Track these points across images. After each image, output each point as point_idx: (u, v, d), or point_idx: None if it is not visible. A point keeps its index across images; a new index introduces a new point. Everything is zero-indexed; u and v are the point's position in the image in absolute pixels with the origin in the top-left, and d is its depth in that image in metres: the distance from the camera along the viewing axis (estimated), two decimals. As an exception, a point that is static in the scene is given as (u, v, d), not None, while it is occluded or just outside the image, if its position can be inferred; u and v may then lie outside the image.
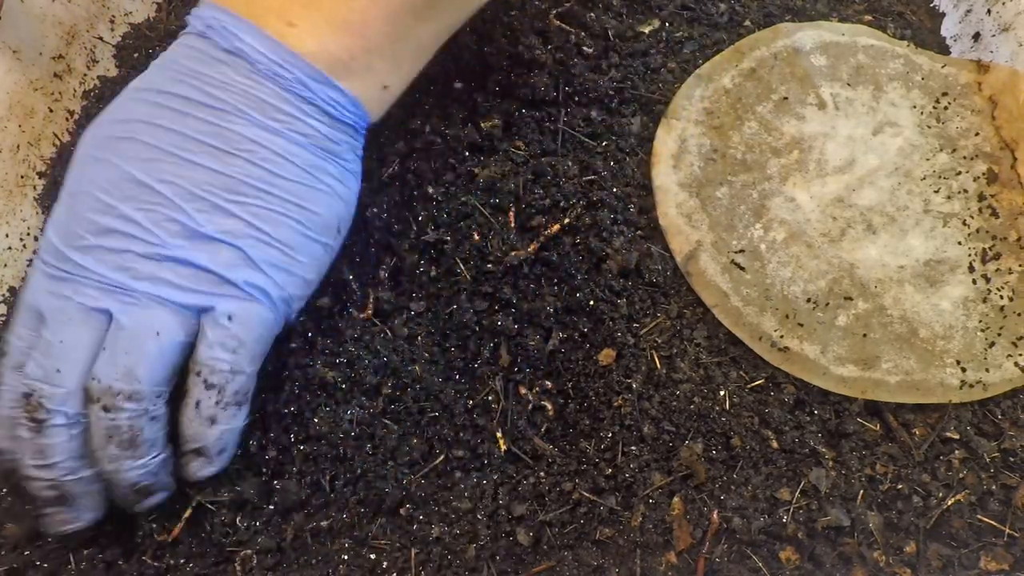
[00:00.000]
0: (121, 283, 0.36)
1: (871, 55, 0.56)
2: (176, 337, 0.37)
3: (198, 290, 0.37)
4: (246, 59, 0.38)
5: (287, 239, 0.39)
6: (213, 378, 0.37)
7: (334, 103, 0.40)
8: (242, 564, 0.40)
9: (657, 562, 0.41)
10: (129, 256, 0.36)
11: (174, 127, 0.37)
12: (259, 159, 0.38)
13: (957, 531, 0.42)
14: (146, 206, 0.37)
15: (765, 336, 0.47)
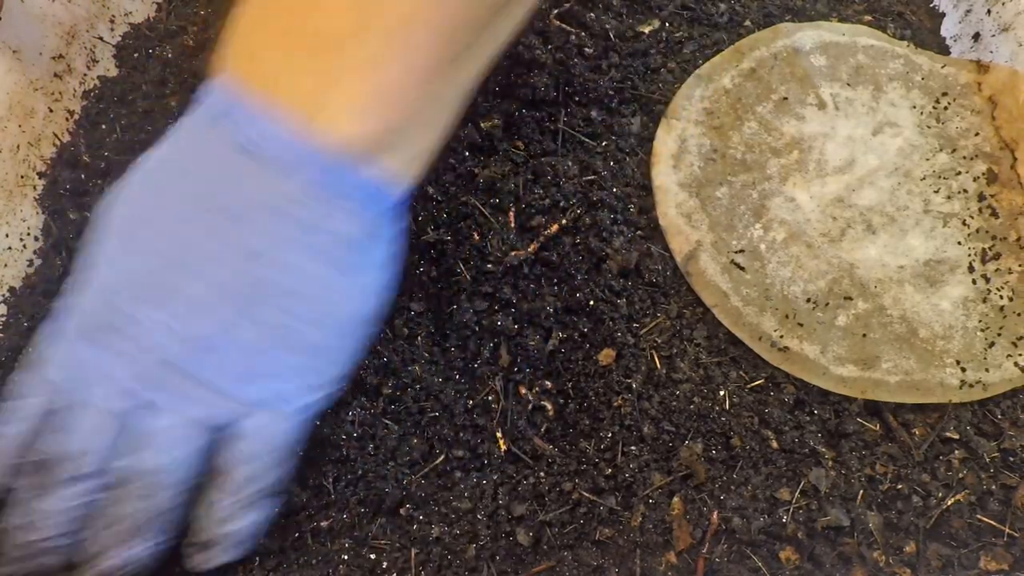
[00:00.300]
0: (135, 390, 0.35)
1: (871, 55, 0.56)
2: (196, 444, 0.36)
3: (215, 406, 0.36)
4: (267, 158, 0.35)
5: (314, 343, 0.37)
6: (227, 485, 0.37)
7: (369, 188, 0.37)
8: (243, 564, 0.40)
9: (657, 562, 0.41)
10: (145, 363, 0.35)
11: (194, 230, 0.35)
12: (283, 264, 0.36)
13: (957, 531, 0.42)
14: (162, 312, 0.35)
15: (765, 336, 0.47)
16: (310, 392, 0.38)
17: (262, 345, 0.36)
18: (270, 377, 0.37)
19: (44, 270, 0.50)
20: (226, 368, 0.36)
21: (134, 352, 0.35)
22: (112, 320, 0.35)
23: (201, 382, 0.36)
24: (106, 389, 0.35)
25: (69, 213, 0.52)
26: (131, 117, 0.55)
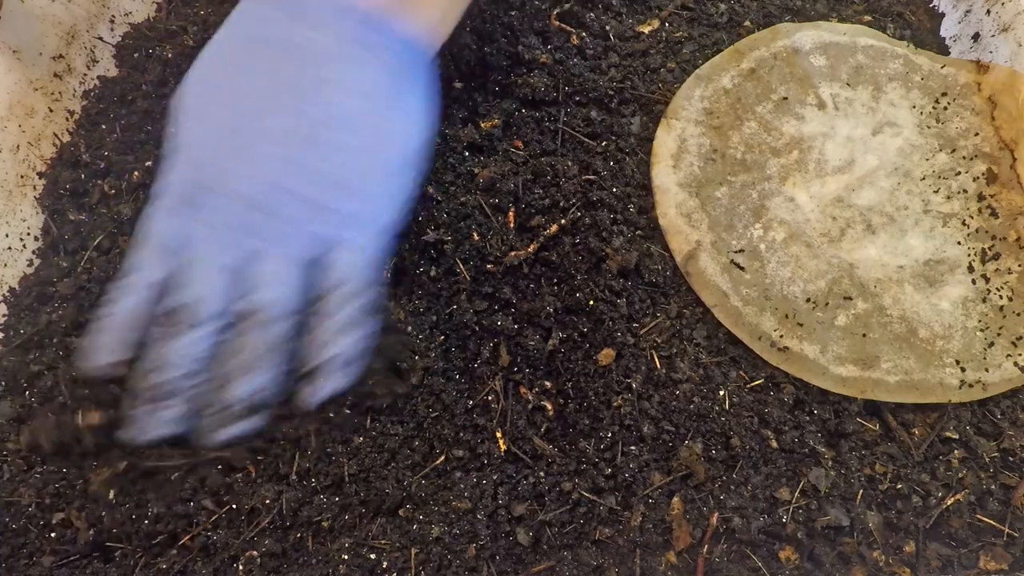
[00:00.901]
0: (235, 240, 0.40)
1: (870, 55, 0.56)
2: (295, 279, 0.40)
3: (303, 242, 0.40)
4: (312, 17, 0.41)
5: (377, 173, 0.42)
6: (325, 309, 0.40)
7: (403, 38, 0.43)
8: (245, 565, 0.40)
9: (657, 562, 0.41)
10: (237, 214, 0.40)
11: (256, 92, 0.41)
12: (341, 97, 0.41)
13: (956, 531, 0.42)
14: (260, 148, 0.40)
15: (765, 336, 0.47)
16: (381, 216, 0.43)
17: (339, 173, 0.41)
18: (350, 197, 0.41)
19: (44, 270, 0.50)
20: (305, 205, 0.40)
21: (227, 206, 0.40)
22: (203, 182, 0.40)
23: (288, 221, 0.40)
24: (210, 244, 0.40)
25: (69, 213, 0.52)
26: (131, 117, 0.55)
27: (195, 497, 0.42)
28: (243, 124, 0.41)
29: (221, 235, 0.40)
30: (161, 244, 0.41)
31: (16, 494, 0.42)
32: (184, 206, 0.41)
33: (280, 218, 0.40)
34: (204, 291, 0.39)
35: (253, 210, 0.40)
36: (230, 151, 0.41)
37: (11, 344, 0.47)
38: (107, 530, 0.41)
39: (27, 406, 0.45)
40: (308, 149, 0.41)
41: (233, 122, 0.41)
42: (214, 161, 0.41)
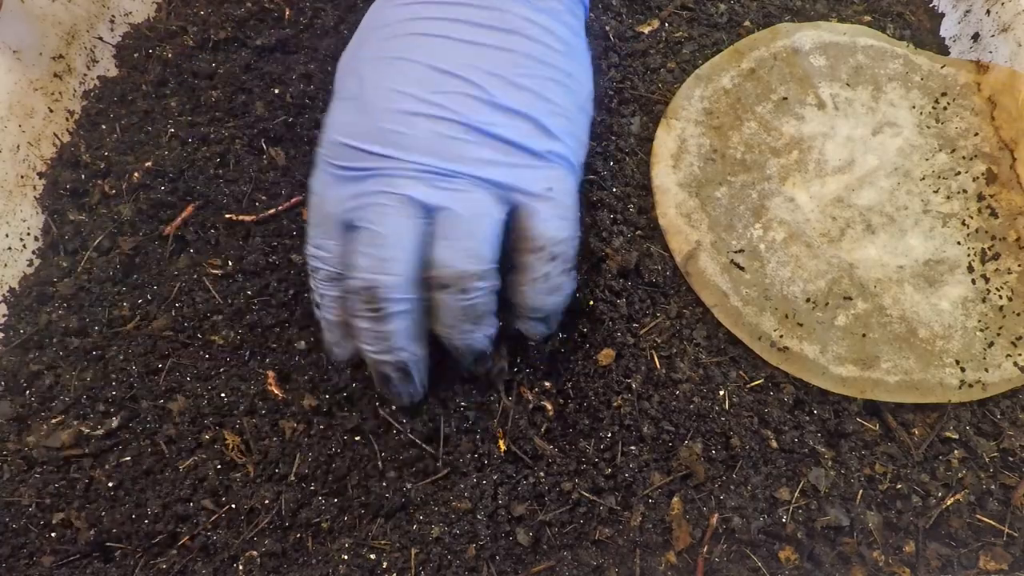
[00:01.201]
0: (438, 167, 0.38)
1: (870, 55, 0.56)
2: (502, 216, 0.38)
3: (513, 164, 0.39)
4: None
5: (568, 107, 0.41)
6: (556, 248, 0.39)
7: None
8: (244, 565, 0.40)
9: (656, 562, 0.41)
10: (440, 140, 0.38)
11: (457, 19, 0.40)
12: (534, 35, 0.40)
13: (956, 531, 0.42)
14: (447, 89, 0.38)
15: (764, 336, 0.47)
16: (578, 153, 0.42)
17: (537, 106, 0.40)
18: (549, 137, 0.40)
19: (44, 270, 0.51)
20: (515, 128, 0.39)
21: (432, 129, 0.38)
22: (405, 110, 0.38)
23: (496, 140, 0.38)
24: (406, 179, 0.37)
25: (69, 213, 0.52)
26: (131, 117, 0.55)
27: (195, 497, 0.42)
28: (446, 58, 0.39)
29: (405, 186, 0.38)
30: (342, 219, 0.38)
31: (16, 494, 0.42)
32: (360, 168, 0.38)
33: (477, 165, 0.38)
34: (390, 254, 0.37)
35: (450, 160, 0.38)
36: (429, 85, 0.38)
37: (11, 344, 0.47)
38: (107, 530, 0.41)
39: (27, 406, 0.45)
40: (509, 68, 0.39)
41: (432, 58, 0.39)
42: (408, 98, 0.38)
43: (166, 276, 0.49)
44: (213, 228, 0.51)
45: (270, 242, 0.50)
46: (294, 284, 0.48)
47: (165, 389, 0.45)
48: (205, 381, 0.45)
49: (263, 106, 0.54)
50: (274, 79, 0.55)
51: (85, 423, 0.44)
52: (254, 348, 0.47)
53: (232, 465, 0.43)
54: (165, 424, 0.44)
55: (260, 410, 0.45)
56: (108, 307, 0.48)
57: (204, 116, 0.54)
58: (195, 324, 0.47)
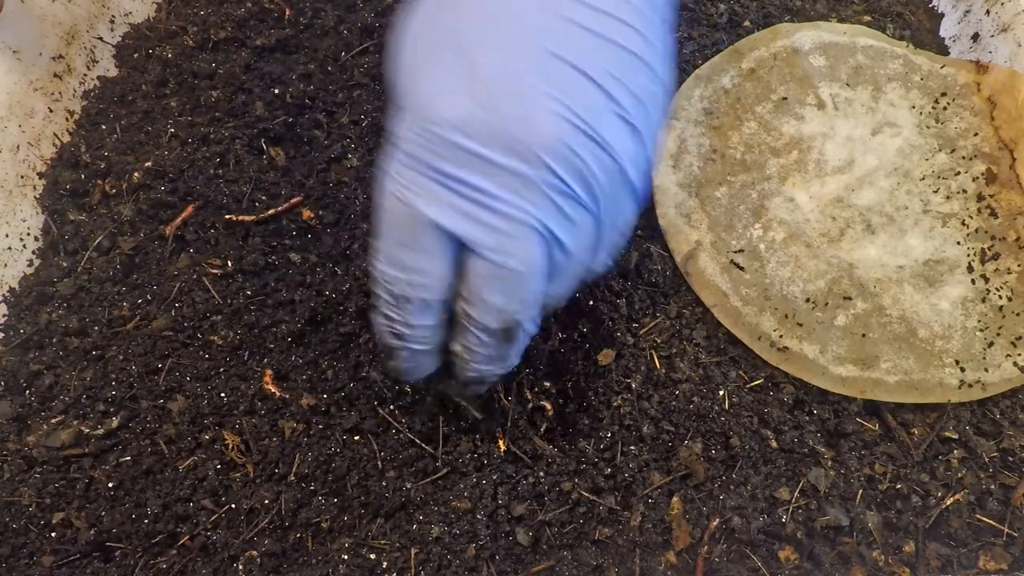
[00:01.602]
0: (571, 190, 0.32)
1: (870, 55, 0.56)
2: (544, 268, 0.34)
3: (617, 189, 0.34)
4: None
5: (660, 120, 0.36)
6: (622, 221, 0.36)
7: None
8: (244, 565, 0.40)
9: (656, 561, 0.41)
10: (565, 150, 0.32)
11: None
12: (644, 31, 0.34)
13: (956, 530, 0.42)
14: (580, 96, 0.32)
15: (764, 336, 0.47)
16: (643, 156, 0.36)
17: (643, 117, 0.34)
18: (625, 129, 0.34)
19: (44, 270, 0.50)
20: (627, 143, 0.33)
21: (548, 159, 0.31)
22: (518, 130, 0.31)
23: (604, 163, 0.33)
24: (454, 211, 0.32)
25: (69, 213, 0.52)
26: (131, 117, 0.55)
27: (194, 497, 0.42)
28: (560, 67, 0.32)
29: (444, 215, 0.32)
30: (439, 230, 0.32)
31: (16, 494, 0.42)
32: (464, 171, 0.31)
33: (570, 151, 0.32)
34: (531, 294, 0.34)
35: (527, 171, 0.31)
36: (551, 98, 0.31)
37: (11, 344, 0.47)
38: (107, 530, 0.41)
39: (27, 406, 0.45)
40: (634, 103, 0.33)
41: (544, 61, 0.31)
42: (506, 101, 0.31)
43: (166, 276, 0.49)
44: (213, 228, 0.51)
45: (270, 242, 0.50)
46: (293, 284, 0.48)
47: (165, 389, 0.45)
48: (205, 381, 0.45)
49: (263, 106, 0.54)
50: (274, 79, 0.55)
51: (85, 423, 0.44)
52: (253, 348, 0.47)
53: (232, 465, 0.43)
54: (165, 424, 0.44)
55: (259, 410, 0.45)
56: (108, 307, 0.48)
57: (204, 116, 0.54)
58: (195, 324, 0.47)
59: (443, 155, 0.31)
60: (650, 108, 0.35)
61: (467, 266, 0.34)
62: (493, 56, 0.32)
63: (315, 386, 0.45)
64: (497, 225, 0.32)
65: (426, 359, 0.38)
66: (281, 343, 0.47)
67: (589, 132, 0.32)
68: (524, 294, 0.34)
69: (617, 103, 0.33)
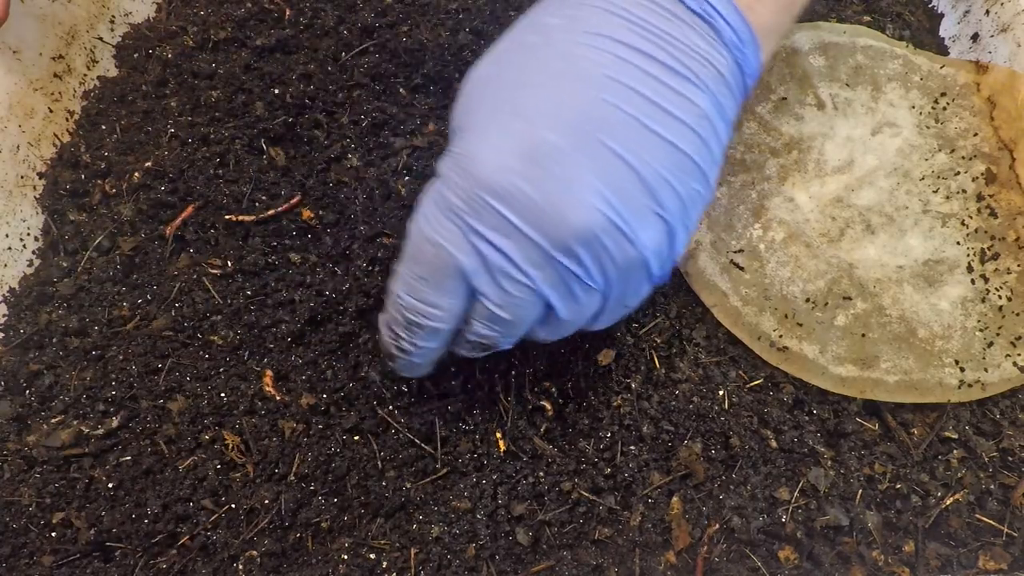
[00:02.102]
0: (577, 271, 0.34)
1: (870, 55, 0.56)
2: (535, 322, 0.37)
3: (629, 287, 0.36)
4: (714, 27, 0.36)
5: (697, 219, 0.38)
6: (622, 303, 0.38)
7: (753, 79, 0.39)
8: (244, 565, 0.40)
9: (656, 561, 0.41)
10: (596, 243, 0.33)
11: (643, 90, 0.34)
12: (706, 136, 0.35)
13: (956, 530, 0.42)
14: (632, 197, 0.33)
15: (764, 336, 0.47)
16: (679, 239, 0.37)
17: (678, 218, 0.35)
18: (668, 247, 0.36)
19: (44, 270, 0.51)
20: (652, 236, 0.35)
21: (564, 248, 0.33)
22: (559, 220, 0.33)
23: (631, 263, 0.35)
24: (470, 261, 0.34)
25: (69, 213, 0.52)
26: (131, 117, 0.55)
27: (194, 497, 0.42)
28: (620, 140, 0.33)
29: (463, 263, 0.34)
30: (460, 274, 0.35)
31: (16, 494, 0.42)
32: (491, 227, 0.33)
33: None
34: (512, 332, 0.37)
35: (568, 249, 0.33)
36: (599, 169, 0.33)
37: (11, 344, 0.47)
38: (107, 530, 0.41)
39: (27, 406, 0.45)
40: (676, 170, 0.34)
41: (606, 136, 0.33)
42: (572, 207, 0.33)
43: (166, 276, 0.49)
44: (213, 228, 0.51)
45: (270, 242, 0.50)
46: (293, 284, 0.48)
47: (165, 389, 0.45)
48: (204, 381, 0.45)
49: (263, 106, 0.54)
50: (274, 79, 0.55)
51: (85, 423, 0.44)
52: (253, 348, 0.47)
53: (232, 465, 0.43)
54: (165, 424, 0.44)
55: (259, 410, 0.45)
56: (108, 307, 0.48)
57: (204, 116, 0.54)
58: (195, 324, 0.47)
59: (481, 216, 0.33)
60: (691, 210, 0.36)
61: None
62: (549, 136, 0.33)
63: (315, 386, 0.45)
64: (507, 288, 0.34)
65: (424, 367, 0.40)
66: (281, 343, 0.47)
67: (623, 228, 0.33)
68: (509, 334, 0.37)
69: (659, 203, 0.34)
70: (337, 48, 0.57)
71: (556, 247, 0.33)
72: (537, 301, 0.35)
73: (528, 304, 0.35)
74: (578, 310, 0.36)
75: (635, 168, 0.33)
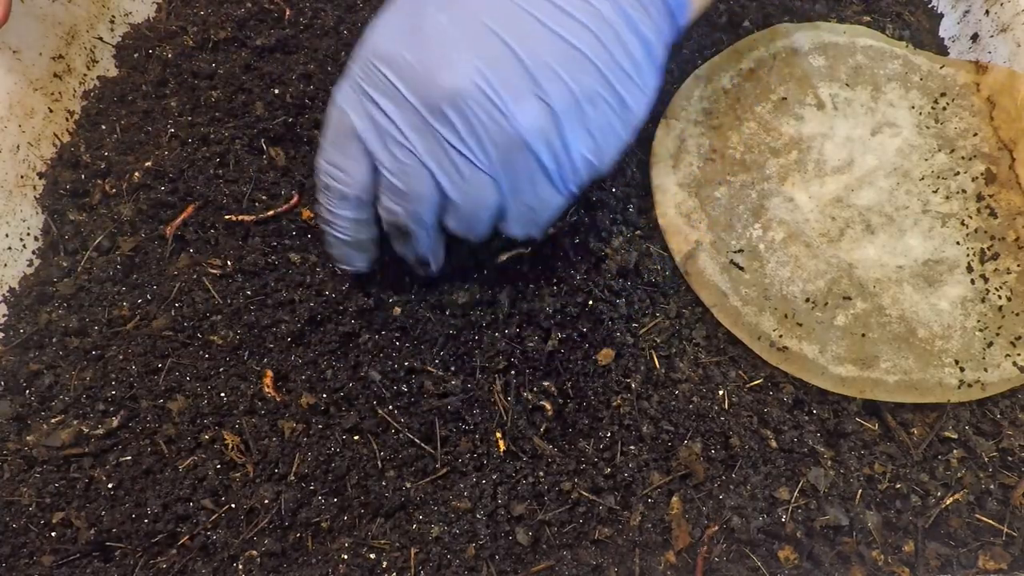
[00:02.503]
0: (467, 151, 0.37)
1: (869, 56, 0.56)
2: (496, 204, 0.40)
3: (527, 176, 0.39)
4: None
5: (601, 126, 0.39)
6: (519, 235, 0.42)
7: (682, 9, 0.41)
8: (244, 564, 0.40)
9: (656, 561, 0.41)
10: (481, 123, 0.36)
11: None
12: (607, 40, 0.38)
13: (955, 530, 0.42)
14: (507, 73, 0.36)
15: (764, 336, 0.47)
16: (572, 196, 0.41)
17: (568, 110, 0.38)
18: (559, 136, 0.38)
19: (44, 270, 0.51)
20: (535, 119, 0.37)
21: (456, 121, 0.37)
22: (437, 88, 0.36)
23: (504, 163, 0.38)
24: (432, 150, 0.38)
25: (69, 213, 0.52)
26: (131, 117, 0.55)
27: (194, 497, 0.42)
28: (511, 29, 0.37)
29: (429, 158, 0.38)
30: (360, 142, 0.39)
31: (16, 494, 0.42)
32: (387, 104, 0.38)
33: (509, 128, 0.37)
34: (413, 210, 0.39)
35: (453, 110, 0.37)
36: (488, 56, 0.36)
37: (11, 344, 0.47)
38: (107, 530, 0.41)
39: (27, 405, 0.45)
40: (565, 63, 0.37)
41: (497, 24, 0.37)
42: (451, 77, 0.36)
43: (166, 276, 0.49)
44: (213, 228, 0.51)
45: (269, 242, 0.50)
46: (293, 284, 0.48)
47: (165, 389, 0.45)
48: (204, 381, 0.45)
49: (263, 106, 0.54)
50: (274, 79, 0.55)
51: (85, 422, 0.44)
52: (253, 348, 0.47)
53: (232, 465, 0.43)
54: (165, 424, 0.44)
55: (259, 410, 0.45)
56: (108, 307, 0.48)
57: (204, 116, 0.54)
58: (194, 324, 0.47)
59: (371, 80, 0.38)
60: (588, 108, 0.38)
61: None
62: (438, 15, 0.37)
63: (315, 386, 0.45)
64: (395, 153, 0.38)
65: (352, 252, 0.44)
66: (281, 343, 0.47)
67: (494, 99, 0.36)
68: (410, 208, 0.40)
69: (539, 87, 0.37)
70: (337, 48, 0.57)
71: (429, 109, 0.37)
72: (424, 172, 0.38)
73: (416, 174, 0.38)
74: (468, 192, 0.39)
75: (513, 49, 0.37)
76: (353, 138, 0.39)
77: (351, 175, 0.40)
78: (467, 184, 0.38)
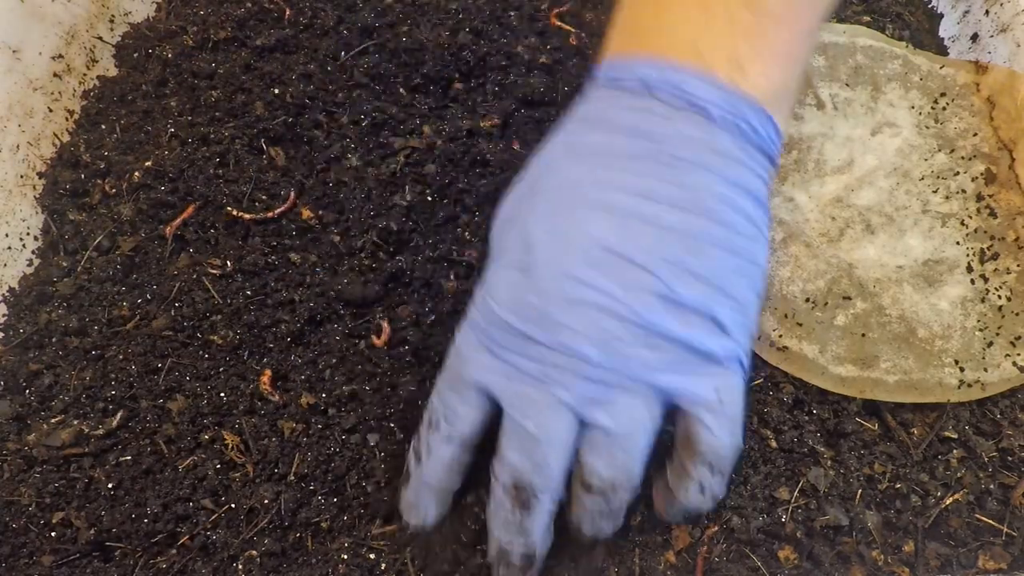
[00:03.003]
0: (602, 372, 0.34)
1: (869, 56, 0.56)
2: (658, 424, 0.36)
3: (683, 369, 0.35)
4: (704, 114, 0.35)
5: (747, 298, 0.36)
6: (717, 459, 0.36)
7: (773, 144, 0.37)
8: (244, 564, 0.40)
9: (656, 561, 0.41)
10: (609, 339, 0.34)
11: (635, 188, 0.35)
12: (721, 218, 0.35)
13: (955, 530, 0.42)
14: (626, 280, 0.34)
15: (764, 335, 0.47)
16: (747, 349, 0.37)
17: (714, 301, 0.35)
18: (723, 336, 0.35)
19: (44, 270, 0.51)
20: (689, 325, 0.35)
21: (597, 322, 0.34)
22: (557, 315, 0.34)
23: (667, 340, 0.34)
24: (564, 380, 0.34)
25: (69, 213, 0.52)
26: (131, 117, 0.55)
27: (194, 496, 0.42)
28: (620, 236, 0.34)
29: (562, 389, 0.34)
30: (480, 388, 0.36)
31: (16, 494, 0.42)
32: (516, 352, 0.35)
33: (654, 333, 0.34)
34: (543, 459, 0.35)
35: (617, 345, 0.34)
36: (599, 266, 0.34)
37: (11, 344, 0.47)
38: (107, 530, 0.41)
39: (27, 405, 0.45)
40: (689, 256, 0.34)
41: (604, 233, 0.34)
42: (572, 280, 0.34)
43: (166, 276, 0.49)
44: (213, 228, 0.51)
45: (269, 242, 0.50)
46: (293, 284, 0.48)
47: (165, 389, 0.45)
48: (204, 381, 0.45)
49: (263, 106, 0.54)
50: (274, 79, 0.55)
51: (85, 422, 0.44)
52: (253, 348, 0.47)
53: (231, 465, 0.43)
54: (165, 424, 0.44)
55: (259, 410, 0.45)
56: (108, 307, 0.48)
57: (204, 116, 0.54)
58: (194, 324, 0.47)
59: (497, 329, 0.36)
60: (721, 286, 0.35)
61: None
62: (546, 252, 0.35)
63: (314, 386, 0.45)
64: (523, 391, 0.35)
65: (428, 499, 0.39)
66: (281, 343, 0.47)
67: (619, 312, 0.34)
68: (537, 457, 0.35)
69: (661, 280, 0.34)
70: (337, 48, 0.57)
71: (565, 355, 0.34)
72: (556, 405, 0.35)
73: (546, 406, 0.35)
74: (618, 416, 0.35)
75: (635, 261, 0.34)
76: (469, 381, 0.36)
77: (463, 418, 0.37)
78: (620, 411, 0.35)
